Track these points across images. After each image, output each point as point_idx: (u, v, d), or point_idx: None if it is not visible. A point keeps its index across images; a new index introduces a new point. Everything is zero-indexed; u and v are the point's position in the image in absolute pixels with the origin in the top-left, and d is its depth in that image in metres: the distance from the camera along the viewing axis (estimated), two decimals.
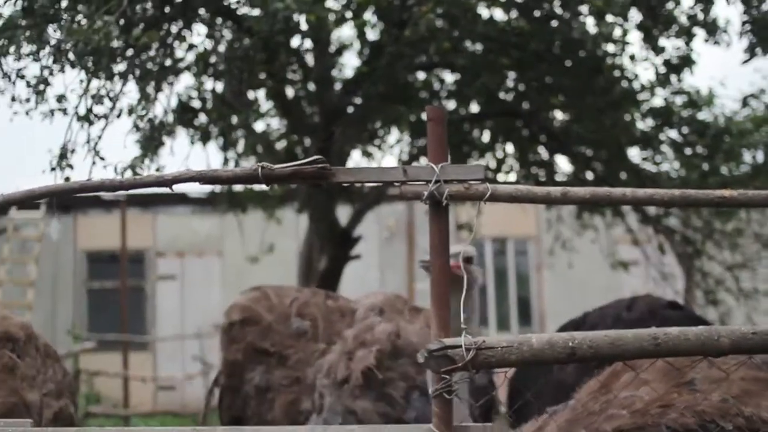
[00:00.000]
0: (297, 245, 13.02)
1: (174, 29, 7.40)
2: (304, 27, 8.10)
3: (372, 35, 8.96)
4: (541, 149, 10.74)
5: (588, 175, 10.52)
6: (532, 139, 10.52)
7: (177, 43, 7.59)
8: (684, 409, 2.91)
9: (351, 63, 9.94)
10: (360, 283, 12.58)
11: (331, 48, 9.51)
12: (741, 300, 10.83)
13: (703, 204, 3.09)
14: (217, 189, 11.44)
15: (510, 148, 10.88)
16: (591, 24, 8.49)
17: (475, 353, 2.58)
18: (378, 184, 5.69)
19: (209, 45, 7.83)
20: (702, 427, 2.88)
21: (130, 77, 6.87)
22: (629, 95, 9.37)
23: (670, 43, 8.62)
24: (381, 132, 10.69)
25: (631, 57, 8.98)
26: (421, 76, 9.82)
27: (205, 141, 9.43)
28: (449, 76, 9.90)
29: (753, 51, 7.68)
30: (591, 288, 14.26)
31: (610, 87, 9.05)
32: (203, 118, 9.24)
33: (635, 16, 8.45)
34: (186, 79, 9.76)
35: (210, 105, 8.99)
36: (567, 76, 8.94)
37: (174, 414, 14.59)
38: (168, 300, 17.42)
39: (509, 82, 9.62)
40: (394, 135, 10.79)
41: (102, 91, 6.69)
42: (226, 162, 9.99)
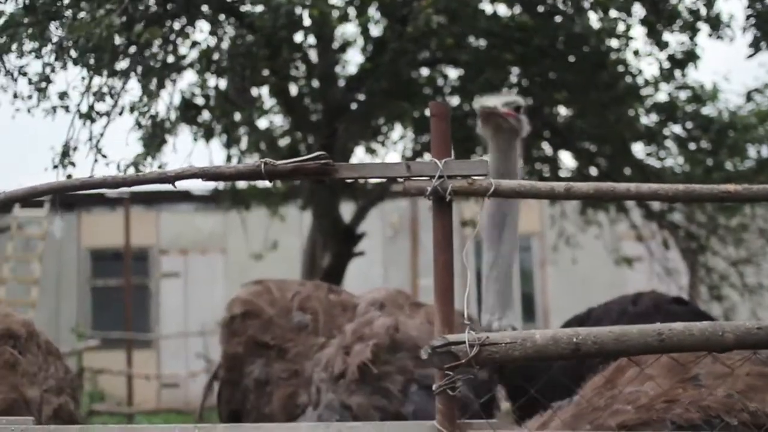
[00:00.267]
0: (300, 242, 13.05)
1: (176, 26, 7.39)
2: (307, 23, 8.09)
3: (375, 31, 8.95)
4: (545, 145, 10.72)
5: (592, 171, 10.51)
6: (535, 135, 10.50)
7: (179, 40, 7.59)
8: (689, 405, 2.91)
9: (354, 59, 9.96)
10: (363, 280, 12.56)
11: (335, 44, 9.51)
12: (746, 295, 10.83)
13: (708, 199, 3.07)
14: (221, 186, 11.45)
15: None
16: (594, 19, 8.48)
17: (479, 349, 2.57)
18: (381, 180, 5.69)
19: (212, 42, 7.82)
20: (707, 423, 2.87)
21: (132, 74, 6.87)
22: (633, 90, 9.35)
23: (674, 38, 8.60)
24: (384, 128, 10.68)
25: (635, 52, 8.97)
26: (425, 72, 9.81)
27: (208, 138, 9.41)
28: (453, 71, 9.88)
29: (757, 45, 7.64)
30: (595, 284, 14.24)
31: (614, 82, 9.04)
32: (206, 115, 9.22)
33: (639, 11, 8.42)
34: (189, 76, 9.77)
35: (213, 102, 8.97)
36: (571, 71, 8.92)
37: (178, 411, 14.59)
38: (172, 297, 17.43)
39: (513, 77, 9.59)
40: (397, 131, 10.78)
41: (104, 89, 6.69)
42: (229, 159, 9.97)
